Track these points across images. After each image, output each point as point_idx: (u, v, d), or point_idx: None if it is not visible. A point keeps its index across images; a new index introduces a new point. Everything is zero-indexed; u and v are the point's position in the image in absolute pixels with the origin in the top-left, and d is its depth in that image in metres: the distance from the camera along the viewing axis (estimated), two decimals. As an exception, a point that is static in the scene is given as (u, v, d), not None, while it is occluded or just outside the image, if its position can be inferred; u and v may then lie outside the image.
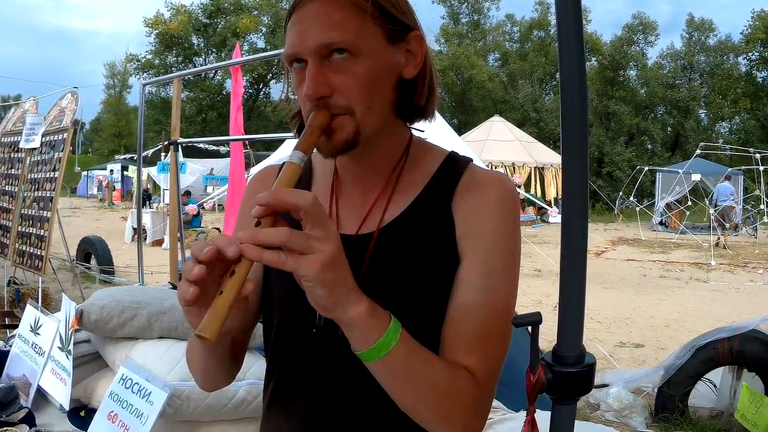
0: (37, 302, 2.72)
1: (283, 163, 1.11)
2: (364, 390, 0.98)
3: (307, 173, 1.17)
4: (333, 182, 1.12)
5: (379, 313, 0.88)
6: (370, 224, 1.06)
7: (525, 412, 0.91)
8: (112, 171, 33.52)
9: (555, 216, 21.51)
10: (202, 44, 42.97)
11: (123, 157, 32.00)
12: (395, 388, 0.92)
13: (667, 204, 21.48)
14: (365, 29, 0.96)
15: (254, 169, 12.90)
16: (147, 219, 14.67)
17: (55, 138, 5.66)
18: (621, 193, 23.41)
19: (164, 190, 15.72)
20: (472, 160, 1.11)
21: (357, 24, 0.95)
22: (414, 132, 1.13)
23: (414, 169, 1.09)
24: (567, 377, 0.86)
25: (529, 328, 0.92)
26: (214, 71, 40.10)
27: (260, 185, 1.17)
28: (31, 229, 5.70)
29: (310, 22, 0.95)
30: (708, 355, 4.46)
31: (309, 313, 1.01)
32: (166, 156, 7.37)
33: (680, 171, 19.93)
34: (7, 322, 4.74)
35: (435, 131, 1.18)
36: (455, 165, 1.09)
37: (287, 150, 11.92)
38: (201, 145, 18.48)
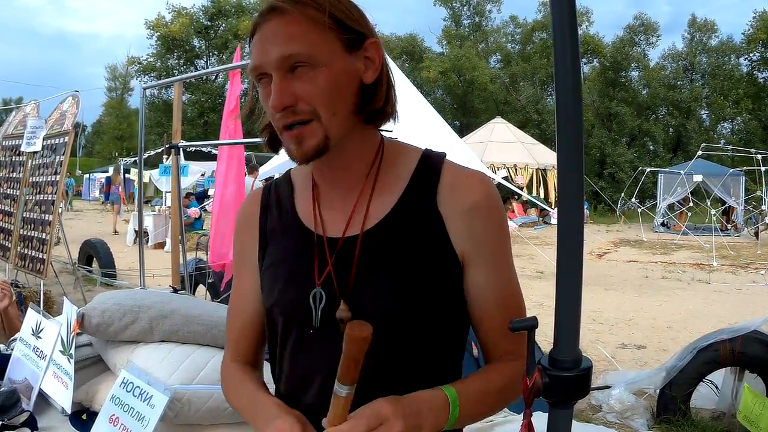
0: (39, 305, 2.72)
1: (270, 181, 1.26)
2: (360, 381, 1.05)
3: (289, 190, 1.24)
4: (312, 189, 1.18)
5: (437, 405, 1.02)
6: (355, 226, 1.11)
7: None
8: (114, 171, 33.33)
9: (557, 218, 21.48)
10: (204, 46, 43.03)
11: (126, 160, 31.98)
12: (473, 422, 1.12)
13: (669, 205, 21.46)
14: (323, 40, 1.02)
15: (263, 168, 12.91)
16: (149, 222, 14.68)
17: (57, 141, 5.67)
18: (623, 195, 23.40)
19: (166, 192, 15.74)
20: (446, 155, 1.17)
21: (315, 36, 1.01)
22: (384, 134, 1.19)
23: (390, 168, 1.14)
24: (563, 381, 0.86)
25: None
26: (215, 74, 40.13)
27: (247, 218, 1.26)
28: (32, 232, 5.71)
29: (271, 38, 1.02)
30: (710, 356, 4.46)
31: (307, 315, 1.10)
32: (167, 159, 7.38)
33: (682, 172, 19.92)
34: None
35: (436, 133, 1.25)
36: (432, 162, 1.15)
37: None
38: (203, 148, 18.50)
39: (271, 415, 1.07)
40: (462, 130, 30.23)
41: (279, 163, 13.16)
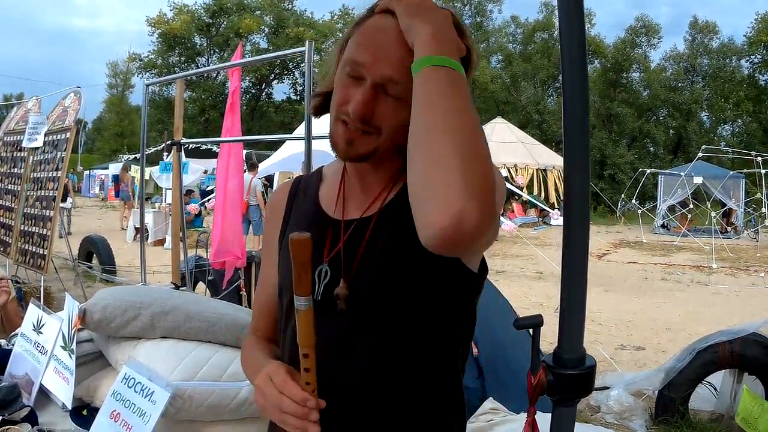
0: (40, 301, 2.72)
1: (302, 175, 1.35)
2: (354, 353, 1.10)
3: (316, 180, 1.32)
4: (342, 179, 1.25)
5: (443, 46, 0.98)
6: (371, 212, 1.18)
7: (526, 413, 0.92)
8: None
9: (557, 218, 21.46)
10: (205, 44, 42.96)
11: (127, 157, 31.94)
12: (423, 109, 0.96)
13: (669, 207, 21.46)
14: None
15: (263, 165, 12.89)
16: (149, 219, 14.68)
17: (58, 137, 5.68)
18: (623, 196, 23.41)
19: (166, 189, 15.73)
20: None
21: None
22: None
23: None
24: (567, 379, 0.86)
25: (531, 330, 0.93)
26: (216, 71, 40.09)
27: (275, 206, 1.35)
28: (33, 228, 5.71)
29: (387, 49, 1.06)
30: (709, 358, 4.46)
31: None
32: (168, 156, 7.37)
33: (682, 174, 19.93)
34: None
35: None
36: None
37: (288, 150, 11.90)
38: (203, 145, 18.47)
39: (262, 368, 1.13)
40: (462, 130, 30.12)
41: (278, 161, 13.18)
